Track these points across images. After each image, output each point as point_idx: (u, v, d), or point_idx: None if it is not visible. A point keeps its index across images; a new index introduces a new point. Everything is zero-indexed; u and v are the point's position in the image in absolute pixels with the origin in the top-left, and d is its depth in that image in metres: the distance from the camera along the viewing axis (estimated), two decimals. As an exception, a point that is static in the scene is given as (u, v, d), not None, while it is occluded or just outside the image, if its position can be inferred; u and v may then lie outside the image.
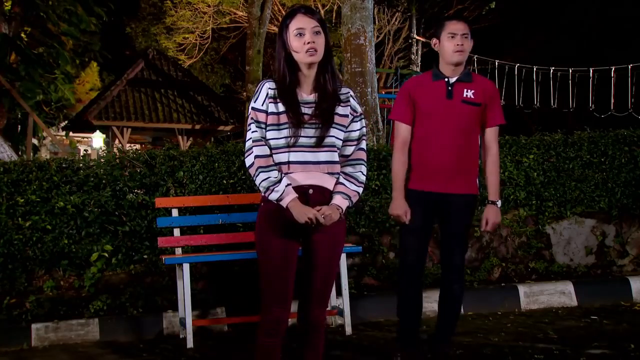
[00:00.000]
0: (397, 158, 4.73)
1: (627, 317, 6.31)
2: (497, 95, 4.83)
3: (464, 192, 4.67)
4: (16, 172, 6.34)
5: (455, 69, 4.67)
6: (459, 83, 4.66)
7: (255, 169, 3.46)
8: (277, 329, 3.55)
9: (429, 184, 4.66)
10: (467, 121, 4.63)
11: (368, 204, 6.89)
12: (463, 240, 4.79)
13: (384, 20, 26.87)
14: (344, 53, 9.67)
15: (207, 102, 25.01)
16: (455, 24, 4.64)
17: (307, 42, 3.45)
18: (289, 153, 3.48)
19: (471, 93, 4.64)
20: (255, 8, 19.08)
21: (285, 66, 3.52)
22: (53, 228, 6.30)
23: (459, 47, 4.59)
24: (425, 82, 4.76)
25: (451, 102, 4.63)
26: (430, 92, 4.69)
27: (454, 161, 4.61)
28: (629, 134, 7.62)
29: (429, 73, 4.80)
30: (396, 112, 4.79)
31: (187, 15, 28.53)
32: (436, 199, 4.67)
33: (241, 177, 6.65)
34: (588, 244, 7.58)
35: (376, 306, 6.45)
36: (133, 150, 7.14)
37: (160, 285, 6.52)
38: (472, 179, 4.70)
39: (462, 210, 4.70)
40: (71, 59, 16.44)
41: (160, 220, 6.10)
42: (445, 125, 4.61)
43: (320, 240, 3.55)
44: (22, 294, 6.32)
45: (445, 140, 4.61)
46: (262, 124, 3.50)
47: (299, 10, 3.54)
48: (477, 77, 4.81)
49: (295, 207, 3.42)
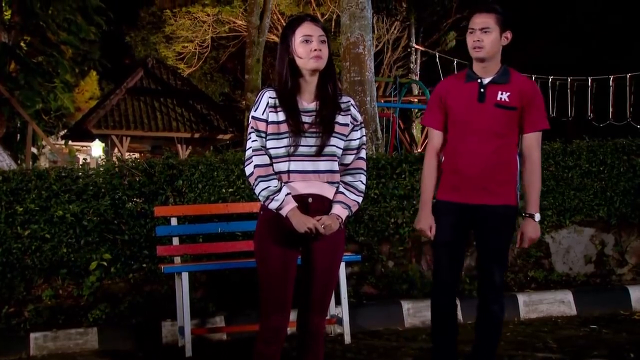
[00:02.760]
0: (426, 166, 4.40)
1: (627, 326, 6.31)
2: (538, 97, 4.29)
3: (498, 204, 4.22)
4: (15, 180, 6.34)
5: (488, 68, 4.25)
6: (493, 85, 4.23)
7: (254, 178, 3.46)
8: (276, 337, 3.55)
9: (459, 195, 4.26)
10: (501, 126, 4.20)
11: (367, 212, 6.89)
12: (501, 257, 4.30)
13: (383, 29, 26.91)
14: (343, 62, 9.69)
15: (206, 110, 25.03)
16: (474, 18, 4.23)
17: (314, 49, 3.47)
18: (289, 162, 3.48)
19: (506, 96, 4.20)
20: (255, 17, 19.11)
21: (288, 71, 3.53)
22: (52, 237, 6.29)
23: (477, 43, 4.18)
24: (458, 85, 4.35)
25: (483, 105, 4.22)
26: (462, 95, 4.29)
27: (487, 170, 4.19)
28: (628, 143, 7.63)
29: (463, 74, 4.39)
30: (427, 118, 4.46)
31: (187, 24, 28.61)
32: (468, 211, 4.25)
33: (240, 186, 6.65)
34: (587, 252, 7.58)
35: (375, 315, 6.44)
36: (132, 159, 7.15)
37: (159, 294, 6.51)
38: (508, 190, 4.25)
39: (498, 224, 4.25)
40: (70, 67, 16.46)
41: (159, 229, 6.09)
42: (477, 131, 4.21)
43: (319, 248, 3.55)
44: (21, 302, 6.31)
45: (477, 147, 4.20)
46: (262, 133, 3.50)
47: (305, 18, 3.57)
48: (516, 77, 4.29)
49: (295, 216, 3.42)
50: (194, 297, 6.37)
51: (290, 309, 3.57)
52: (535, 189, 4.27)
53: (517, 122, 4.23)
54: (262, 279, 3.55)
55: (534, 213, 4.25)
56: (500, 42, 4.22)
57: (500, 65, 4.28)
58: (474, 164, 4.21)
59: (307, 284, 3.60)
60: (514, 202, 4.27)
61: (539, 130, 4.27)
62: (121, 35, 31.78)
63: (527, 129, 4.25)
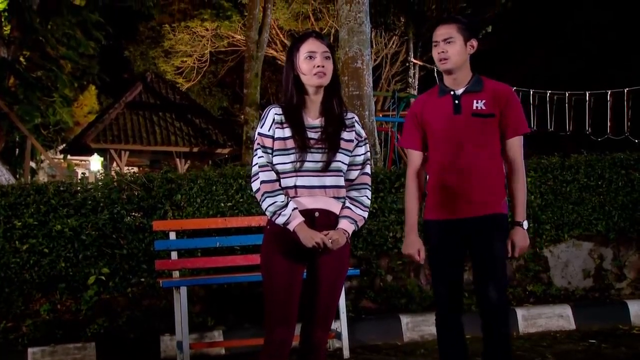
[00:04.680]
0: (408, 189, 4.24)
1: (626, 341, 6.29)
2: (513, 100, 4.10)
3: (487, 213, 4.01)
4: (14, 195, 6.34)
5: (458, 79, 4.10)
6: (467, 95, 4.07)
7: (261, 194, 3.49)
8: (281, 351, 3.55)
9: (446, 211, 4.08)
10: (481, 136, 4.03)
11: (366, 226, 6.89)
12: (495, 267, 4.00)
13: (381, 43, 26.99)
14: (341, 76, 9.71)
15: (205, 124, 25.04)
16: (436, 30, 4.10)
17: (317, 65, 3.50)
18: (296, 177, 3.51)
19: (482, 104, 4.03)
20: (254, 32, 19.17)
21: (293, 87, 3.56)
22: (50, 251, 6.29)
23: (441, 54, 4.05)
24: (431, 100, 4.21)
25: (460, 117, 4.04)
26: (437, 110, 4.13)
27: (472, 182, 4.01)
28: (626, 157, 7.65)
29: (435, 89, 4.26)
30: (404, 139, 4.32)
31: (185, 38, 28.70)
32: (458, 226, 4.05)
33: (239, 200, 6.65)
34: (586, 267, 7.58)
35: (374, 329, 6.43)
36: (131, 173, 7.16)
37: (157, 309, 6.50)
38: (496, 198, 4.05)
39: (487, 231, 4.02)
40: (69, 82, 16.49)
41: (158, 243, 6.09)
42: (457, 143, 4.03)
43: (325, 263, 3.57)
44: (19, 317, 6.30)
45: (458, 159, 4.03)
46: (268, 149, 3.53)
47: (310, 35, 3.61)
48: (489, 83, 4.14)
49: (303, 231, 3.45)
50: (192, 311, 6.36)
51: (295, 323, 3.58)
52: (520, 196, 4.08)
53: (497, 129, 4.07)
54: (267, 292, 3.56)
55: (522, 221, 4.06)
56: (467, 50, 4.09)
57: (472, 75, 4.14)
58: (457, 178, 4.04)
59: (312, 298, 3.60)
60: (503, 210, 4.08)
61: (519, 134, 4.10)
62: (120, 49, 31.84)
63: (507, 135, 4.08)
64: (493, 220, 4.03)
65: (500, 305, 4.00)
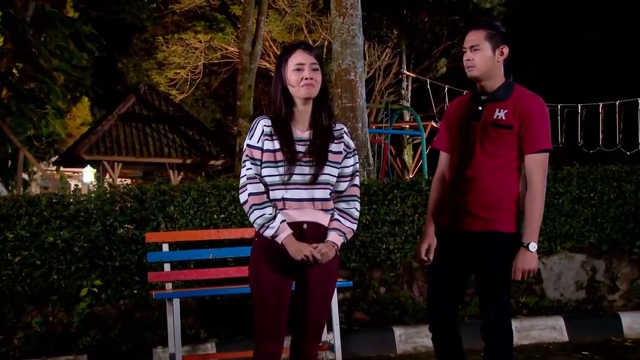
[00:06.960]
0: (431, 191, 4.20)
1: (619, 353, 6.30)
2: (538, 114, 3.89)
3: (488, 230, 3.89)
4: (6, 207, 6.32)
5: (487, 86, 3.97)
6: (491, 102, 3.94)
7: (249, 206, 3.47)
8: (271, 364, 3.54)
9: (451, 222, 4.01)
10: (495, 146, 3.89)
11: (359, 238, 6.89)
12: (495, 288, 3.93)
13: (375, 55, 27.09)
14: (334, 88, 9.73)
15: (198, 136, 25.06)
16: (466, 36, 4.00)
17: (305, 77, 3.48)
18: (285, 190, 3.49)
19: (503, 113, 3.88)
20: (247, 44, 19.24)
21: (282, 99, 3.54)
22: (42, 263, 6.27)
23: (468, 62, 3.96)
24: (462, 104, 4.12)
25: (478, 124, 3.94)
26: (462, 114, 4.06)
27: (474, 195, 3.91)
28: (618, 170, 7.67)
29: (471, 93, 4.15)
30: (436, 139, 4.27)
31: (179, 50, 28.75)
32: (461, 238, 3.96)
33: (232, 211, 6.65)
34: (578, 279, 7.58)
35: (367, 341, 6.42)
36: (124, 184, 7.15)
37: (150, 321, 6.48)
38: (505, 216, 3.89)
39: (491, 251, 3.89)
40: (62, 94, 16.47)
41: (151, 255, 6.07)
42: (470, 151, 3.94)
43: (314, 275, 3.55)
44: (10, 330, 6.26)
45: (467, 169, 3.94)
46: (257, 161, 3.51)
47: (299, 46, 3.58)
48: (518, 93, 3.97)
49: (291, 244, 3.43)
50: (185, 323, 6.34)
51: (285, 335, 3.57)
52: (532, 216, 3.84)
53: (515, 142, 3.88)
54: (256, 305, 3.55)
55: (528, 242, 3.82)
56: (495, 58, 3.94)
57: (505, 81, 3.99)
58: (463, 187, 3.95)
59: (301, 311, 3.59)
60: (506, 229, 3.89)
61: (537, 151, 3.86)
62: (113, 61, 31.89)
63: (525, 150, 3.88)
64: (492, 238, 3.90)
65: (499, 324, 3.98)
